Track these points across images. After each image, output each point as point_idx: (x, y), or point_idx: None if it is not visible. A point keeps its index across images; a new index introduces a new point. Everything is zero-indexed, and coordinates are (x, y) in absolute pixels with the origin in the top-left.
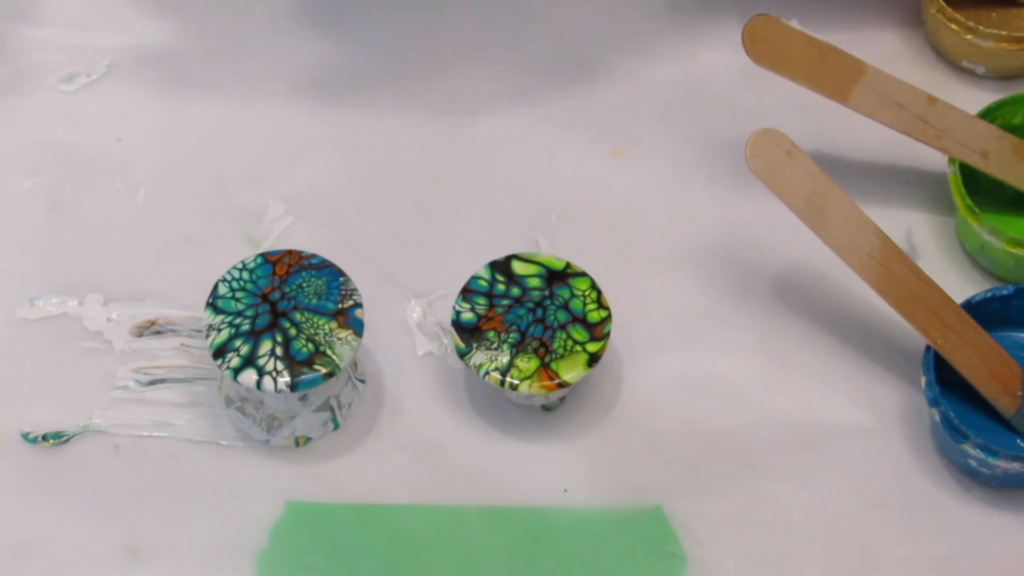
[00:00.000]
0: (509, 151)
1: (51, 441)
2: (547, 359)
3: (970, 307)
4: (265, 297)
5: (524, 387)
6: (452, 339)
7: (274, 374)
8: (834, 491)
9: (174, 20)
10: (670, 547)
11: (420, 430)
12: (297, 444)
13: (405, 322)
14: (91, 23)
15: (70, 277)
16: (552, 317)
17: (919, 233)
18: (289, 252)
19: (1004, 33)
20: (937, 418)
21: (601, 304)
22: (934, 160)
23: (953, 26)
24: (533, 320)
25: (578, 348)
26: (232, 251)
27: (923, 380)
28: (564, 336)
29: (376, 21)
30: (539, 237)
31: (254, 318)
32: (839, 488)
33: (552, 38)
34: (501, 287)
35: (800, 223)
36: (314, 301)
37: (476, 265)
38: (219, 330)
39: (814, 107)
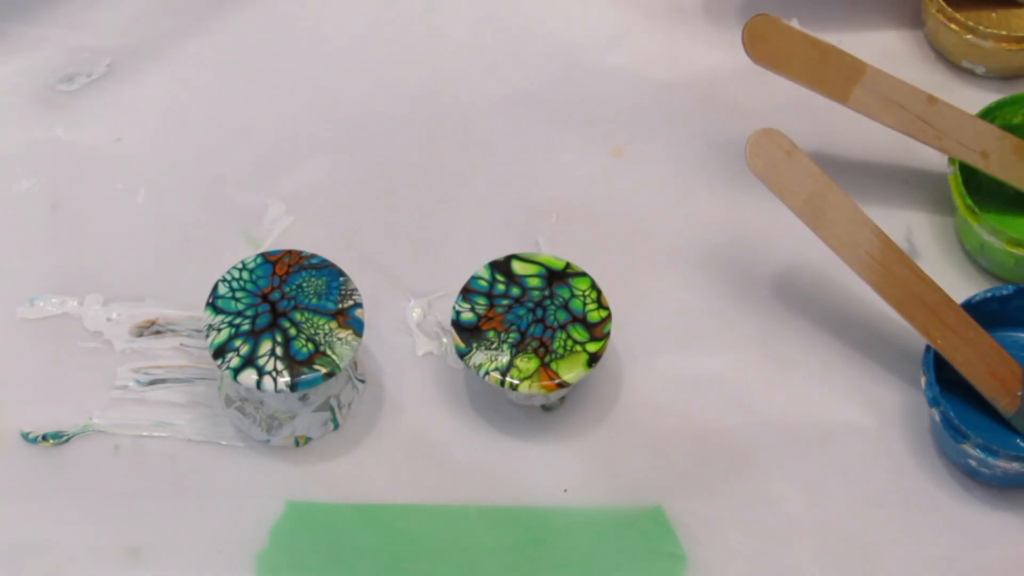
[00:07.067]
0: (509, 151)
1: (51, 441)
2: (547, 359)
3: (970, 307)
4: (265, 297)
5: (524, 387)
6: (452, 339)
7: (274, 374)
8: (834, 491)
9: (174, 20)
10: (670, 547)
11: (420, 430)
12: (297, 444)
13: (405, 322)
14: (91, 23)
15: (70, 277)
16: (552, 317)
17: (919, 233)
18: (289, 252)
19: (1004, 33)
20: (937, 418)
21: (601, 304)
22: (934, 160)
23: (953, 26)
24: (533, 320)
25: (578, 348)
26: (232, 251)
27: (923, 380)
28: (564, 336)
29: (376, 21)
30: (539, 237)
31: (254, 318)
32: (839, 488)
33: (552, 38)
34: (501, 287)
35: (800, 223)
36: (314, 301)
37: (476, 265)
38: (219, 330)
39: (814, 107)
